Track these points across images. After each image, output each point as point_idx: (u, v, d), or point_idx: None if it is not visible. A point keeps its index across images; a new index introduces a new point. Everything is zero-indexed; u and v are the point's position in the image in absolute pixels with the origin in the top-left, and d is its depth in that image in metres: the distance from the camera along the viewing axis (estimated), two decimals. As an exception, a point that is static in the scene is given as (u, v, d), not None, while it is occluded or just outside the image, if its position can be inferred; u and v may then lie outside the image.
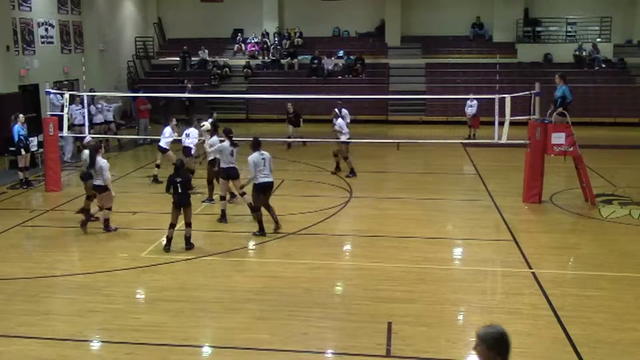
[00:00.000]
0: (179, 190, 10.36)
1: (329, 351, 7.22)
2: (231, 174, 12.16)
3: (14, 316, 8.05)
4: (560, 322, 7.74)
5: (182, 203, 10.39)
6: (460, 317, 8.17)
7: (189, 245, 10.53)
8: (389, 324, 7.71)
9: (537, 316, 7.94)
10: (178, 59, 29.81)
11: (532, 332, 7.49)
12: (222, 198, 12.29)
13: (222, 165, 12.23)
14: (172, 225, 10.50)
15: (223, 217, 12.19)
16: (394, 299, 8.48)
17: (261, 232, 11.25)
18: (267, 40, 30.06)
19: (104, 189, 11.28)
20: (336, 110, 16.79)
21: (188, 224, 10.56)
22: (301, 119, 20.79)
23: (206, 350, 7.36)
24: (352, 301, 8.49)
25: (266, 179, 11.09)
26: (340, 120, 16.03)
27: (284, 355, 7.07)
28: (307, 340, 7.37)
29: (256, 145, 11.23)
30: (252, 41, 30.28)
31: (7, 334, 7.59)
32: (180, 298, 8.56)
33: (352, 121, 19.21)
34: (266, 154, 11.20)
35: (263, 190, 11.17)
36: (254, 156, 11.08)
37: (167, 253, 10.33)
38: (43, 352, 7.15)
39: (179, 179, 10.37)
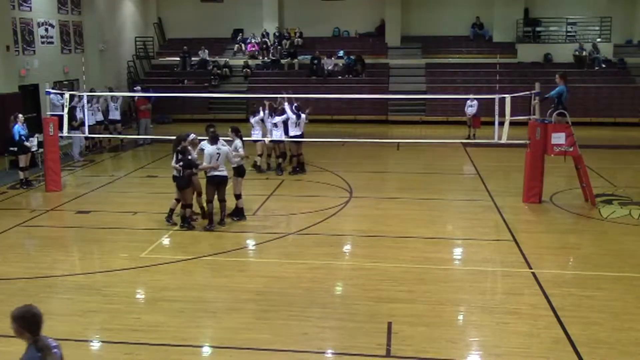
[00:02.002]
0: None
1: (329, 351, 7.22)
2: (240, 171, 12.36)
3: (14, 316, 8.04)
4: (560, 322, 7.74)
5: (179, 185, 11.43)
6: (461, 317, 8.16)
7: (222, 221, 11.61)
8: (389, 324, 7.71)
9: (537, 316, 7.93)
10: (178, 59, 29.82)
11: (532, 332, 7.49)
12: (238, 197, 12.35)
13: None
14: (209, 201, 11.43)
15: (238, 215, 12.25)
16: (394, 299, 8.48)
17: (210, 225, 11.57)
18: (267, 40, 30.06)
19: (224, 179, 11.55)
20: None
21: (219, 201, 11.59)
22: None
23: (206, 350, 7.35)
24: (352, 301, 8.49)
25: (218, 173, 11.35)
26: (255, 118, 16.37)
27: (284, 355, 7.07)
28: (307, 340, 7.37)
29: (214, 139, 11.46)
30: (252, 41, 30.28)
31: (6, 334, 7.55)
32: (180, 298, 8.56)
33: (352, 121, 19.21)
34: (224, 148, 11.43)
35: (214, 184, 11.40)
36: (209, 149, 11.34)
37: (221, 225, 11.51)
38: (43, 352, 7.15)
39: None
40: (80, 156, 18.78)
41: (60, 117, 14.92)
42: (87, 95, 16.44)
